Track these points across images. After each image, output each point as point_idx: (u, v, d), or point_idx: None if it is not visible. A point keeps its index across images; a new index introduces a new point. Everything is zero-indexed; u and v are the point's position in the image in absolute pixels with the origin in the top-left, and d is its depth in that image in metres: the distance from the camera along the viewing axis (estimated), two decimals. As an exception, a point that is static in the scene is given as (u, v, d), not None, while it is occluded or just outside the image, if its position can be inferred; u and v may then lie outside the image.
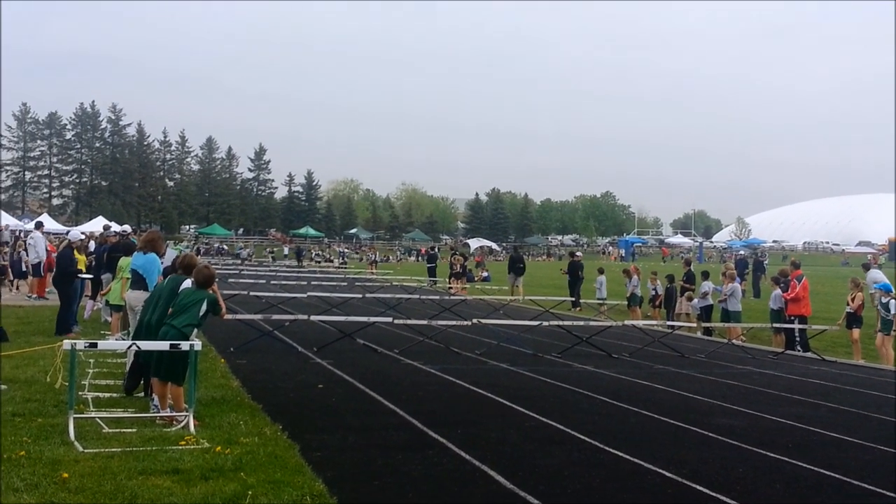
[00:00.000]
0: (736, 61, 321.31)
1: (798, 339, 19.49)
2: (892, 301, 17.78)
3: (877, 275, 21.32)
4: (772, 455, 8.28)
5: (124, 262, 13.98)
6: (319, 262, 67.14)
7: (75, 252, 16.91)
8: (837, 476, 7.57)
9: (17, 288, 25.19)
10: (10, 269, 25.67)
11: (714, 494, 6.77)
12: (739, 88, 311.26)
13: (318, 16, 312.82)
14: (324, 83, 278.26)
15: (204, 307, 8.85)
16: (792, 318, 19.79)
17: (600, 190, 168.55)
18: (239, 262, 58.67)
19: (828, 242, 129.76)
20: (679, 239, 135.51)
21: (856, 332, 18.41)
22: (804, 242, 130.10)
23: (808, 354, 18.78)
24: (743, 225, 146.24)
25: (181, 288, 9.11)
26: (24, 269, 24.80)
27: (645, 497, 6.69)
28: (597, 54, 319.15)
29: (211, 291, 9.05)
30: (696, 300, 23.24)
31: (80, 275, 16.63)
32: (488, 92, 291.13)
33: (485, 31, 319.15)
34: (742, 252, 78.60)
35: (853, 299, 18.66)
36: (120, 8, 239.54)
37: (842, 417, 10.90)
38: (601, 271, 30.34)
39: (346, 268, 56.41)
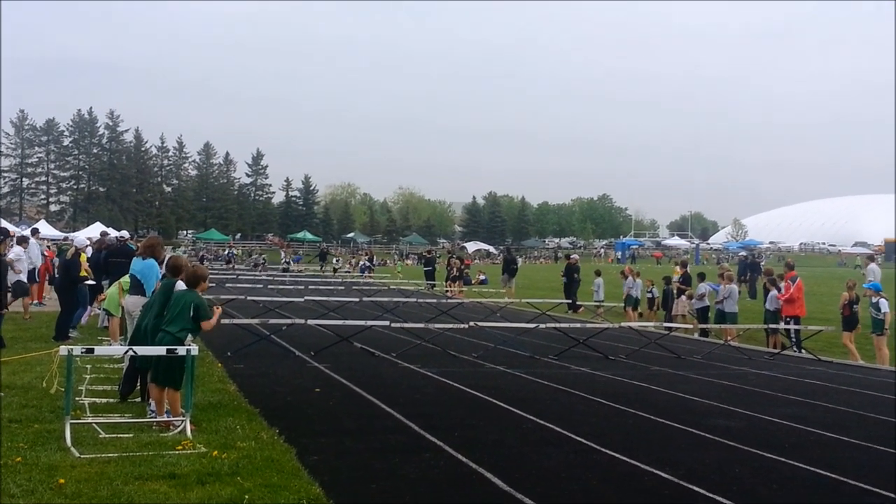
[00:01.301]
0: (731, 63, 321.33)
1: (794, 339, 19.53)
2: (883, 300, 17.86)
3: (875, 269, 21.46)
4: (769, 455, 8.29)
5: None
6: (338, 269, 59.75)
7: (81, 258, 16.95)
8: (835, 476, 7.58)
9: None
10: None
11: (711, 495, 6.78)
12: (734, 90, 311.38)
13: (314, 20, 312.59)
14: (320, 88, 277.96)
15: (191, 310, 8.79)
16: (788, 318, 19.84)
17: (597, 192, 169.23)
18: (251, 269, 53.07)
19: (824, 243, 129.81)
20: (676, 241, 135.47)
21: (846, 336, 18.47)
22: (801, 243, 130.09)
23: (803, 354, 18.81)
24: (739, 226, 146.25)
25: (174, 291, 9.11)
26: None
27: (641, 498, 6.70)
28: (592, 57, 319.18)
29: (200, 292, 9.00)
30: (694, 300, 23.27)
31: (85, 281, 16.70)
32: (485, 95, 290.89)
33: (481, 33, 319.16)
34: (744, 253, 78.62)
35: (841, 298, 18.78)
36: (115, 14, 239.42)
37: (839, 417, 10.91)
38: (598, 273, 30.37)
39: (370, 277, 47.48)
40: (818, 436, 9.57)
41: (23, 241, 21.36)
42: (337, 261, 67.98)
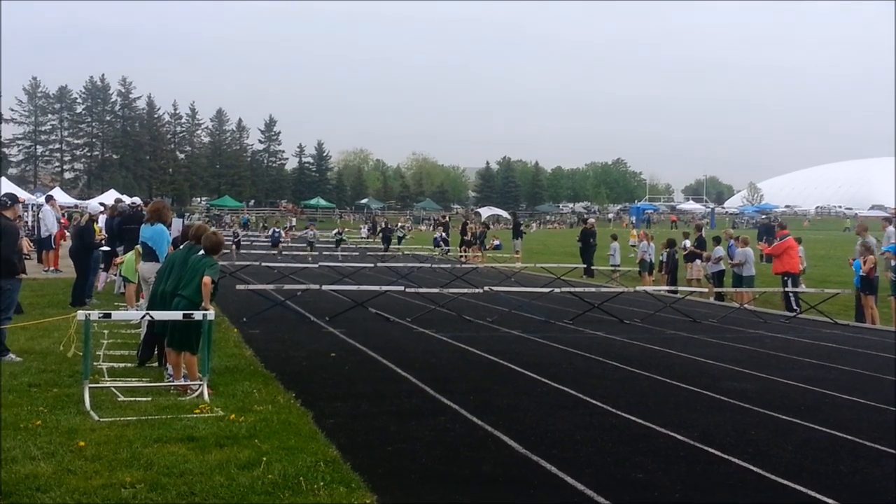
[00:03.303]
0: (747, 26, 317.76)
1: (793, 297, 19.49)
2: None
3: (893, 232, 21.26)
4: (784, 417, 8.29)
5: None
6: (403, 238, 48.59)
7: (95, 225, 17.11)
8: (850, 437, 7.57)
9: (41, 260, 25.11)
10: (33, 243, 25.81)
11: (726, 457, 6.79)
12: (750, 54, 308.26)
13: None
14: (333, 54, 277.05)
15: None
16: (784, 277, 19.79)
17: (611, 157, 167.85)
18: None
19: (840, 206, 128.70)
20: (691, 205, 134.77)
21: (871, 299, 18.29)
22: (817, 207, 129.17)
23: (799, 314, 18.72)
24: (755, 190, 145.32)
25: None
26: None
27: (656, 460, 6.71)
28: (607, 22, 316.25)
29: (215, 259, 9.00)
30: (710, 263, 23.18)
31: (100, 247, 16.83)
32: (498, 61, 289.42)
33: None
34: (764, 217, 78.13)
35: (864, 262, 18.54)
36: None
37: (854, 380, 10.88)
38: (615, 238, 30.28)
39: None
40: (834, 398, 9.56)
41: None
42: (402, 232, 54.80)
